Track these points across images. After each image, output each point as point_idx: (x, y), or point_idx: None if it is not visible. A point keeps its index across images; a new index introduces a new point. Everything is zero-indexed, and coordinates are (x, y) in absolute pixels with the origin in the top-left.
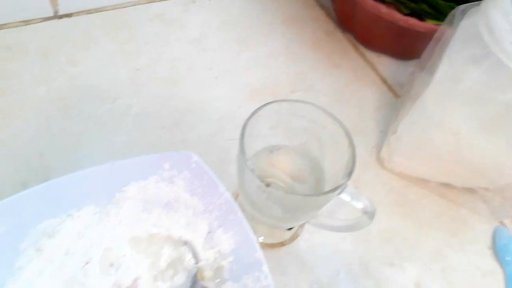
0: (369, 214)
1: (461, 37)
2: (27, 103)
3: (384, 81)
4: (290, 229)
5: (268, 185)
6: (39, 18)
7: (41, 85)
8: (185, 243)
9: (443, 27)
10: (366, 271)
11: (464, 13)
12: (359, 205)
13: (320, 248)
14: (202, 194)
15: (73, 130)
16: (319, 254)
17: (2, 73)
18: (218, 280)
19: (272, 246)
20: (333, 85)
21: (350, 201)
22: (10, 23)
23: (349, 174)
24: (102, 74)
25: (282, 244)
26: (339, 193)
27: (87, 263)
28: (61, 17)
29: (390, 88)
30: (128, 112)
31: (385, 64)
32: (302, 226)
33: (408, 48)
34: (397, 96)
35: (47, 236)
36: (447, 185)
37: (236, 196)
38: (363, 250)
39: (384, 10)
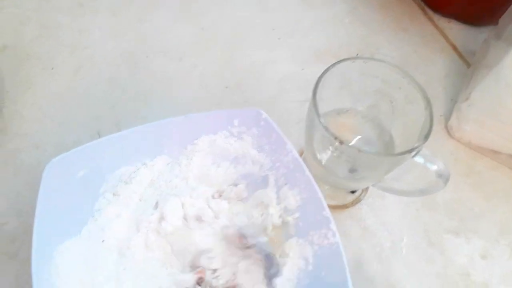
0: (444, 177)
1: None
2: (98, 58)
3: (454, 48)
4: (353, 192)
5: (342, 142)
6: None
7: (110, 41)
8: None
9: None
10: (429, 239)
11: None
12: (434, 168)
13: (383, 213)
14: (270, 151)
15: (141, 85)
16: (382, 219)
17: (74, 29)
18: (284, 235)
19: (334, 208)
20: (399, 50)
21: (424, 163)
22: None
23: (426, 136)
24: (168, 33)
25: (344, 206)
26: (414, 155)
27: (157, 208)
28: None
29: (460, 55)
30: (193, 71)
31: (456, 30)
32: (365, 190)
33: (481, 13)
34: (468, 64)
35: (123, 182)
36: None
37: (300, 155)
38: (428, 218)
39: None
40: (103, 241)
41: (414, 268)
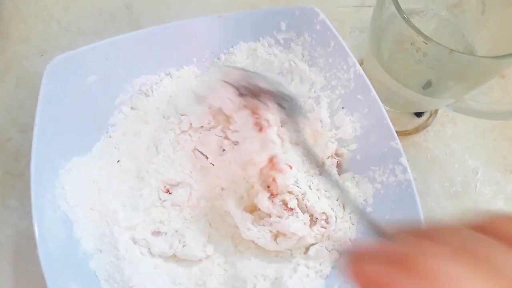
0: None
1: None
2: None
3: None
4: (420, 115)
5: (428, 40)
6: None
7: None
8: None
9: None
10: (509, 174)
11: None
12: None
13: (454, 142)
14: (325, 66)
15: None
16: (452, 148)
17: None
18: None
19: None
20: None
21: None
22: None
23: None
24: None
25: (408, 133)
26: None
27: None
28: None
29: None
30: None
31: None
32: (434, 113)
33: None
34: None
35: (143, 94)
36: None
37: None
38: (508, 149)
39: None
40: (118, 162)
41: (490, 207)
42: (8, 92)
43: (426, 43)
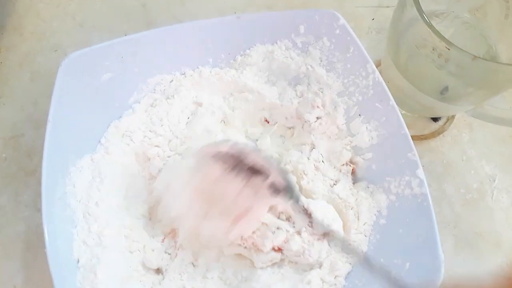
0: None
1: None
2: None
3: None
4: (436, 120)
5: (450, 45)
6: None
7: None
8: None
9: None
10: None
11: None
12: None
13: (471, 148)
14: (343, 71)
15: None
16: (468, 155)
17: None
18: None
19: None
20: None
21: None
22: None
23: None
24: None
25: (424, 137)
26: None
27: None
28: None
29: None
30: None
31: None
32: (451, 118)
33: None
34: None
35: (158, 93)
36: None
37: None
38: None
39: None
40: (132, 157)
41: (506, 216)
42: (22, 88)
43: (449, 49)
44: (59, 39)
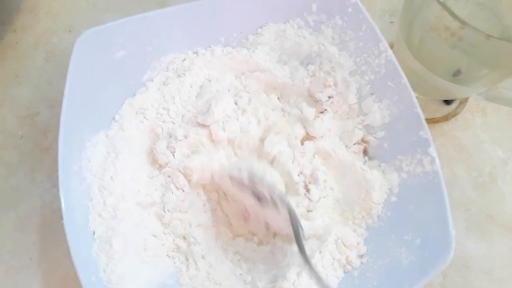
0: None
1: None
2: None
3: None
4: (449, 103)
5: (464, 24)
6: None
7: None
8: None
9: None
10: None
11: None
12: None
13: (484, 132)
14: (355, 50)
15: None
16: (481, 138)
17: None
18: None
19: None
20: None
21: None
22: None
23: None
24: None
25: (436, 120)
26: None
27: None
28: None
29: None
30: None
31: None
32: (464, 101)
33: None
34: None
35: (171, 72)
36: None
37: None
38: None
39: None
40: (146, 133)
41: None
42: (37, 68)
43: (462, 28)
44: (73, 20)
